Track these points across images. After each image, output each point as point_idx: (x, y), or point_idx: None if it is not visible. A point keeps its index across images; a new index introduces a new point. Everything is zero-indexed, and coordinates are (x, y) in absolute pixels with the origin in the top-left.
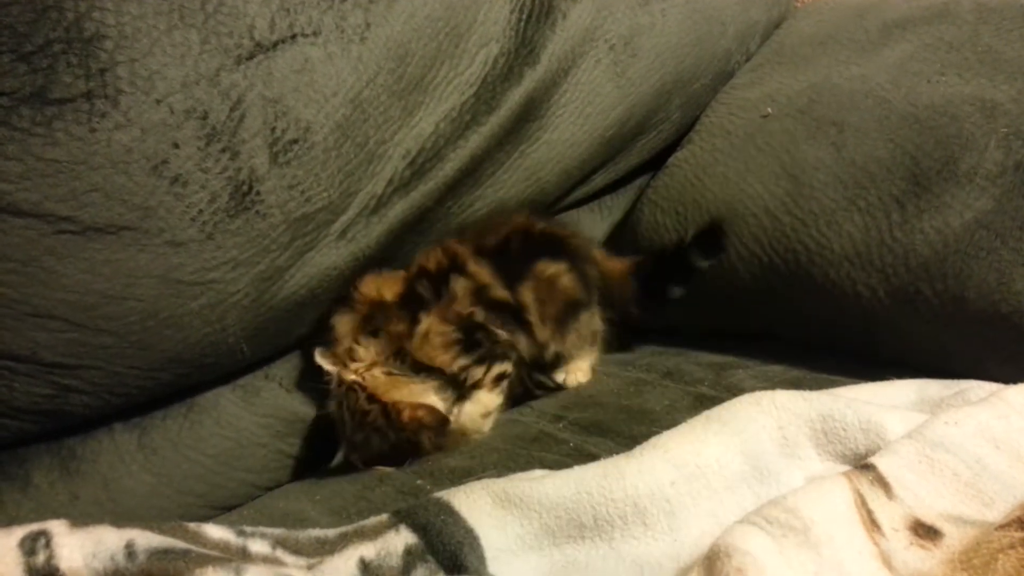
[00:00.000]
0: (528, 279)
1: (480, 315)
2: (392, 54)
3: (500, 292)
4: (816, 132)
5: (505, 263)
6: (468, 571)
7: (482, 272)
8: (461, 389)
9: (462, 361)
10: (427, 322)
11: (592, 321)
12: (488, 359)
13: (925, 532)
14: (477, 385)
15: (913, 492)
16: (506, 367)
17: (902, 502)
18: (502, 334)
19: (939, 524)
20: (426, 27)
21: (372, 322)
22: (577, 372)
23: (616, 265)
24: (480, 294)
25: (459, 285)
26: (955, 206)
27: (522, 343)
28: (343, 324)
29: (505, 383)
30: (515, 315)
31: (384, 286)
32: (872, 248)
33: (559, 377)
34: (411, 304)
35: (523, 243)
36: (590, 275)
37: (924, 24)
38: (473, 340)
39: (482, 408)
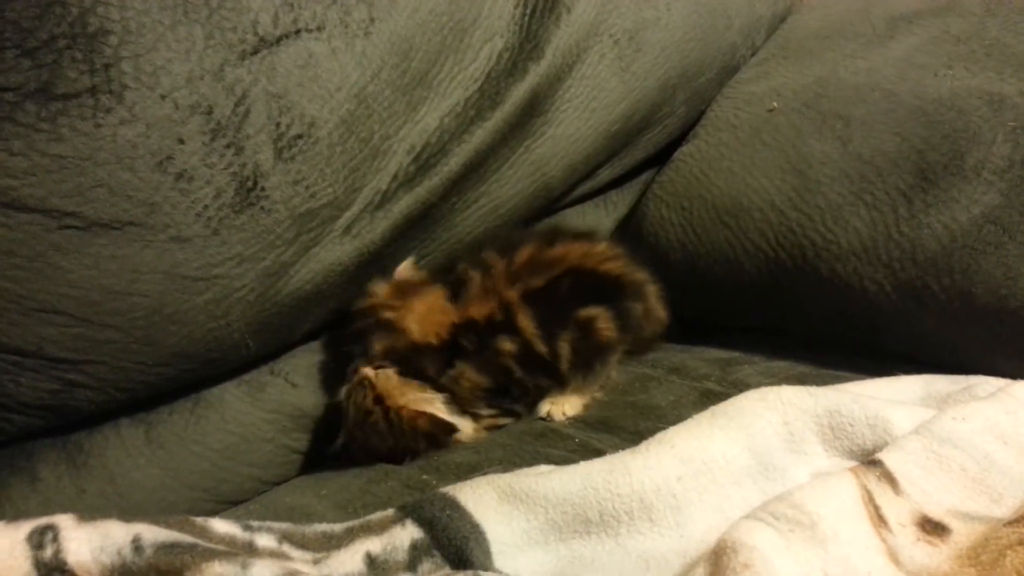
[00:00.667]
0: (568, 327)
1: (518, 372)
2: (396, 49)
3: (540, 347)
4: (822, 126)
5: (550, 310)
6: (474, 566)
7: (528, 327)
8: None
9: (485, 411)
10: (462, 368)
11: (614, 361)
12: (506, 413)
13: (932, 528)
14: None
15: (920, 488)
16: (517, 414)
17: (909, 498)
18: (530, 384)
19: (947, 520)
20: (430, 22)
21: (407, 360)
22: (566, 404)
23: (663, 312)
24: (522, 352)
25: (506, 346)
26: (962, 201)
27: (544, 384)
28: (380, 343)
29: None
30: (548, 366)
31: (429, 323)
32: (879, 243)
33: (543, 409)
34: (451, 351)
35: (572, 287)
36: (633, 314)
37: (931, 17)
38: (502, 390)
39: (480, 428)
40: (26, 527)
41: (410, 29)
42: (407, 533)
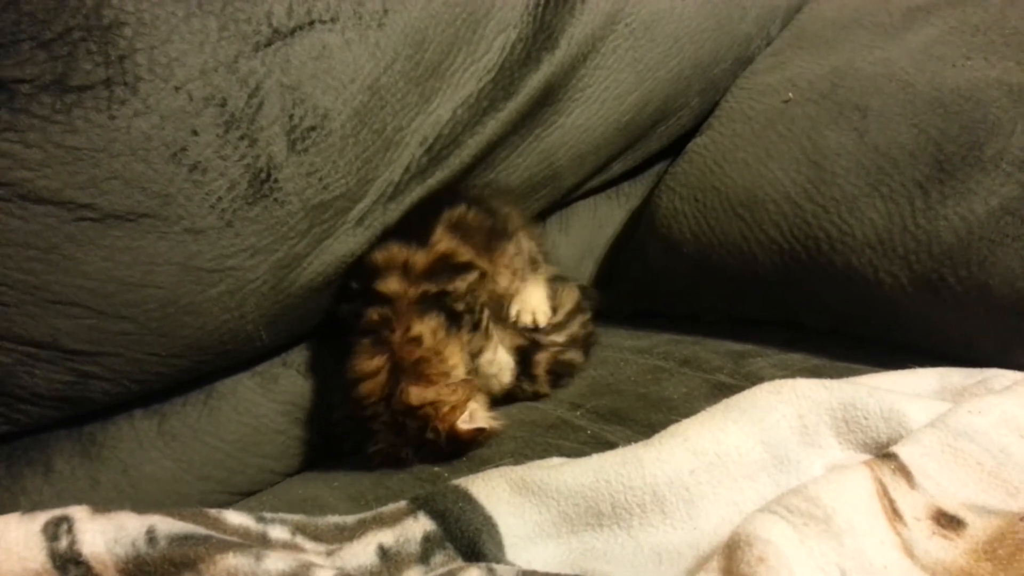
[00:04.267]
0: (438, 229)
1: (425, 287)
2: (410, 40)
3: (419, 257)
4: (838, 117)
5: (411, 231)
6: (487, 558)
7: (393, 253)
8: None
9: (466, 337)
10: (416, 328)
11: (519, 248)
12: (475, 325)
13: (948, 522)
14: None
15: (936, 481)
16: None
17: (924, 491)
18: (458, 284)
19: (962, 514)
20: (443, 13)
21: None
22: (529, 302)
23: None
24: (408, 273)
25: (387, 285)
26: (980, 192)
27: (473, 279)
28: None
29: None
30: (449, 265)
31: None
32: (895, 235)
33: (512, 313)
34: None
35: (423, 207)
36: (499, 212)
37: (949, 7)
38: (447, 312)
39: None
40: (41, 518)
41: (423, 20)
42: (419, 525)
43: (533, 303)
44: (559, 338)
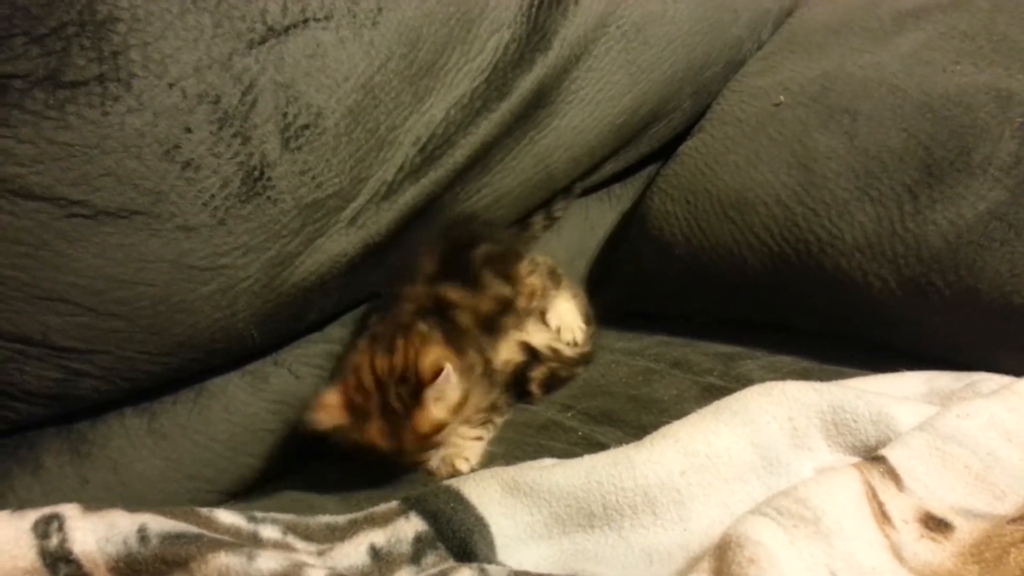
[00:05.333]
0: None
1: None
2: (404, 39)
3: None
4: (828, 121)
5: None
6: (478, 558)
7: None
8: None
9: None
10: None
11: (535, 266)
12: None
13: (936, 525)
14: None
15: (924, 484)
16: (496, 418)
17: (913, 494)
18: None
19: (950, 517)
20: (437, 12)
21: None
22: (564, 319)
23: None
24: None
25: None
26: (968, 197)
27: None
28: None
29: (491, 424)
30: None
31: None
32: (884, 238)
33: (552, 326)
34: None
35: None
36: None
37: (939, 12)
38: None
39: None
40: (32, 516)
41: (417, 19)
42: (411, 525)
43: (568, 320)
44: (572, 353)
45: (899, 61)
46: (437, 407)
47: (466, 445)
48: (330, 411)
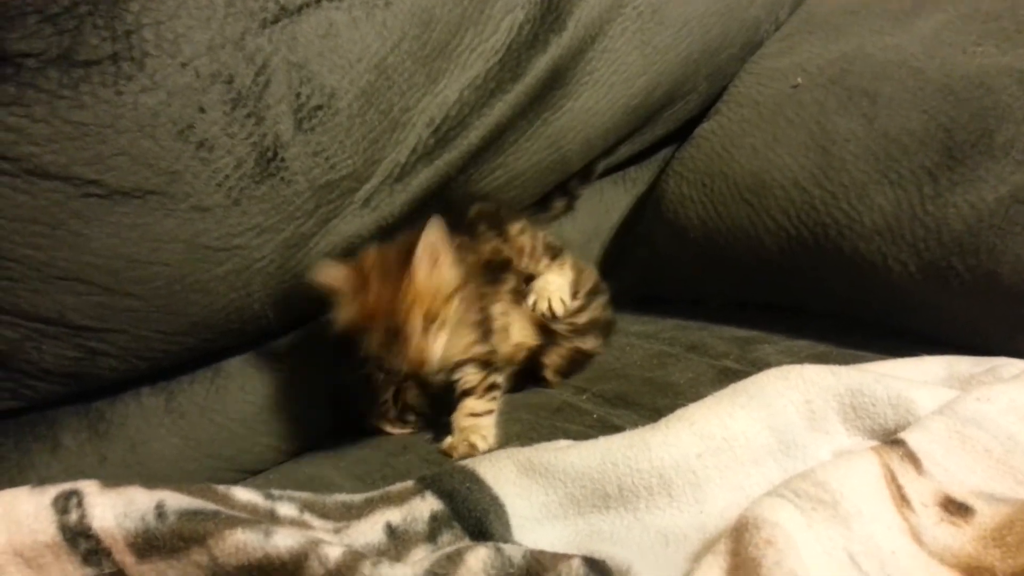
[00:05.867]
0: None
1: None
2: (417, 19)
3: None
4: (848, 103)
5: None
6: (494, 538)
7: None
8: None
9: (477, 349)
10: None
11: (524, 229)
12: (489, 367)
13: (956, 508)
14: (469, 391)
15: (944, 468)
16: (499, 378)
17: (932, 478)
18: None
19: (970, 501)
20: None
21: None
22: (547, 289)
23: None
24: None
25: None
26: (990, 180)
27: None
28: None
29: (497, 392)
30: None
31: None
32: (903, 222)
33: (530, 301)
34: None
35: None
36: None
37: None
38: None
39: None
40: (51, 492)
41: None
42: (427, 504)
43: (551, 290)
44: (579, 320)
45: (920, 42)
46: (429, 277)
47: (480, 423)
48: (333, 273)
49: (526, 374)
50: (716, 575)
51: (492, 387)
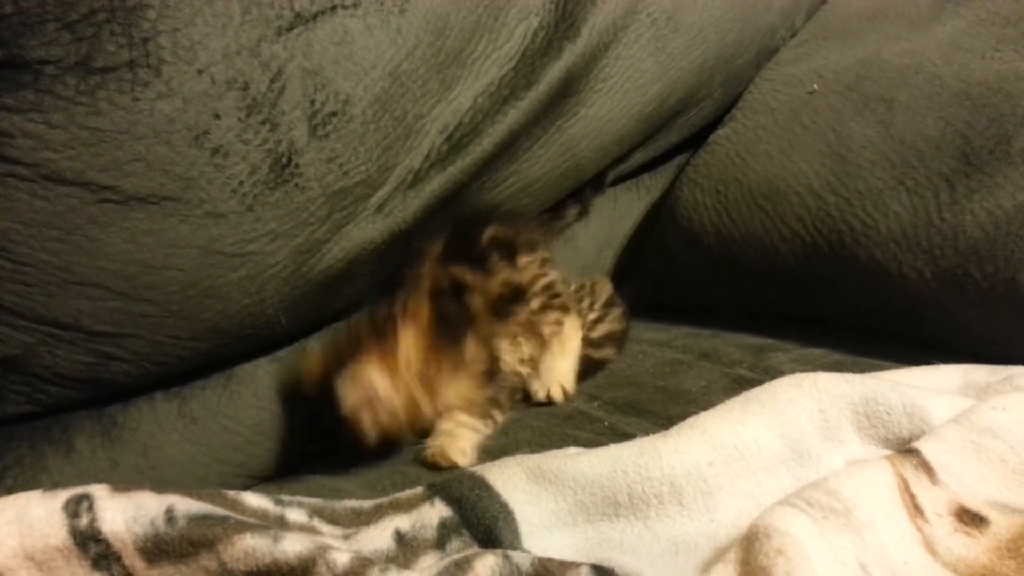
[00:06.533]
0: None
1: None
2: (431, 27)
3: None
4: (864, 109)
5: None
6: (503, 545)
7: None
8: None
9: (480, 395)
10: (472, 347)
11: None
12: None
13: (970, 519)
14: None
15: (958, 478)
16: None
17: (947, 488)
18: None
19: (985, 511)
20: (465, 0)
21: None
22: (551, 376)
23: None
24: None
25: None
26: (1007, 187)
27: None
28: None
29: (491, 419)
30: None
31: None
32: (920, 229)
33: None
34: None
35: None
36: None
37: None
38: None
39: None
40: (63, 496)
41: (445, 7)
42: (436, 511)
43: (553, 378)
44: (594, 334)
45: (937, 48)
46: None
47: (464, 434)
48: (311, 361)
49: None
50: None
51: (486, 416)
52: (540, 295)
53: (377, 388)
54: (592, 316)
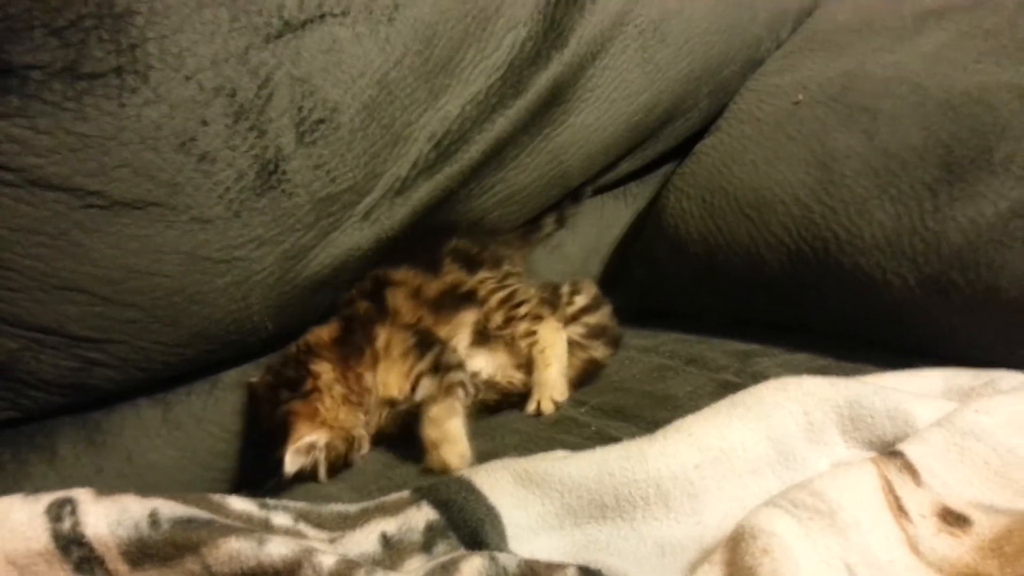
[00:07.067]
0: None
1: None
2: (419, 36)
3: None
4: (848, 119)
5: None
6: (489, 548)
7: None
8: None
9: (419, 367)
10: (384, 335)
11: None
12: (442, 368)
13: (954, 520)
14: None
15: (942, 480)
16: (460, 376)
17: (930, 489)
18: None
19: (968, 512)
20: (453, 9)
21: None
22: (543, 388)
23: None
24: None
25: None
26: (989, 195)
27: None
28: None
29: (461, 392)
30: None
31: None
32: (903, 237)
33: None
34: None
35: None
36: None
37: (962, 12)
38: (427, 343)
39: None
40: (45, 500)
41: (433, 16)
42: (423, 514)
43: (545, 392)
44: (591, 320)
45: (921, 60)
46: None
47: (451, 431)
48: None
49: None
50: None
51: (453, 386)
52: (498, 310)
53: (315, 442)
54: (578, 306)
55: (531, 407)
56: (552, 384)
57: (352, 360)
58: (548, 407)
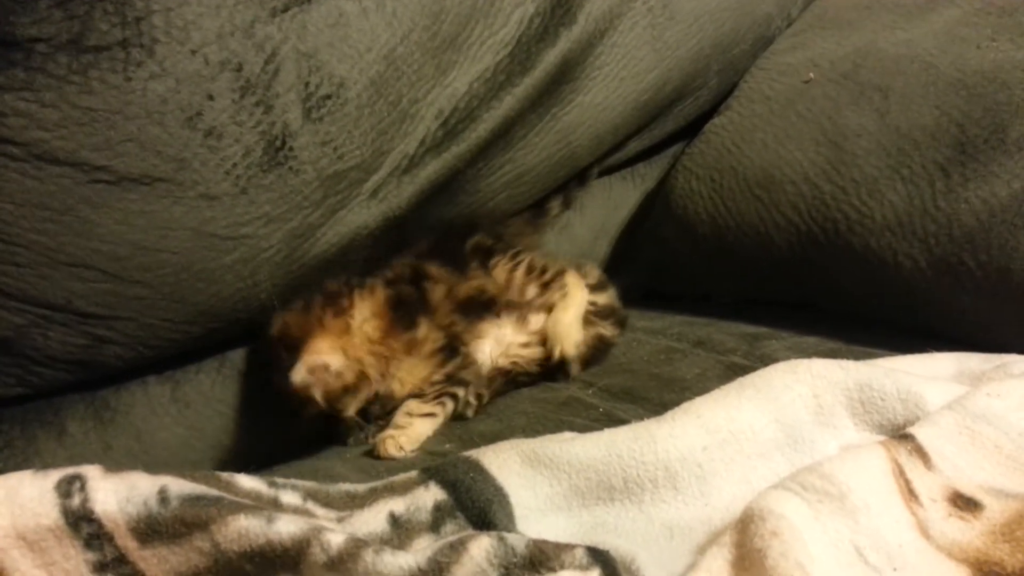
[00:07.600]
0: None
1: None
2: (427, 11)
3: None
4: (860, 98)
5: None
6: (497, 528)
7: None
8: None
9: (439, 374)
10: (424, 327)
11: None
12: (454, 382)
13: (964, 503)
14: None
15: (952, 463)
16: (460, 391)
17: (941, 473)
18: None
19: (979, 496)
20: None
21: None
22: (557, 331)
23: None
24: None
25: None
26: (1002, 175)
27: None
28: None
29: (450, 404)
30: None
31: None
32: (915, 217)
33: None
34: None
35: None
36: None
37: None
38: (454, 349)
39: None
40: (54, 476)
41: None
42: (430, 494)
43: (560, 332)
44: (599, 299)
45: (932, 37)
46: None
47: (409, 426)
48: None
49: (548, 372)
50: (720, 566)
51: (444, 395)
52: (528, 283)
53: (328, 360)
54: (589, 281)
55: (556, 351)
56: (567, 332)
57: (398, 329)
58: (570, 350)
